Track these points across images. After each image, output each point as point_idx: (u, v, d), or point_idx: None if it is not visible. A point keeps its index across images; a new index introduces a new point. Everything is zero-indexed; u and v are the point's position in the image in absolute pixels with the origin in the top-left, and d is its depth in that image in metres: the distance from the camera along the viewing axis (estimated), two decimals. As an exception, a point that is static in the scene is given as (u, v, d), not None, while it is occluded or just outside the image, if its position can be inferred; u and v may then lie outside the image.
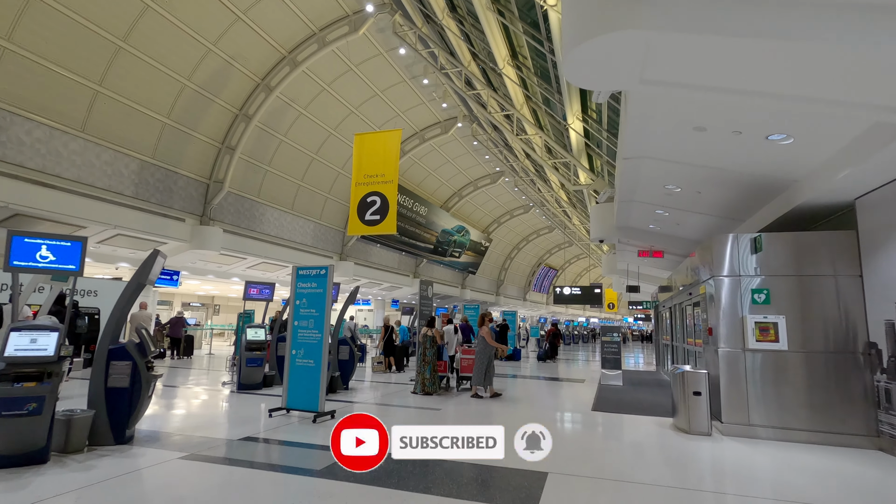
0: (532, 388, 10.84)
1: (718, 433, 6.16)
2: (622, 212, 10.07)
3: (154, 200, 14.25)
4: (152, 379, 5.07)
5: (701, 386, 6.03)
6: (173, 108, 14.08)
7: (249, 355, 8.43)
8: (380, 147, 13.47)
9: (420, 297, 10.83)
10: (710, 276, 6.73)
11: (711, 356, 6.77)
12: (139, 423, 5.65)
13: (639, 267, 17.20)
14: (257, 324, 8.75)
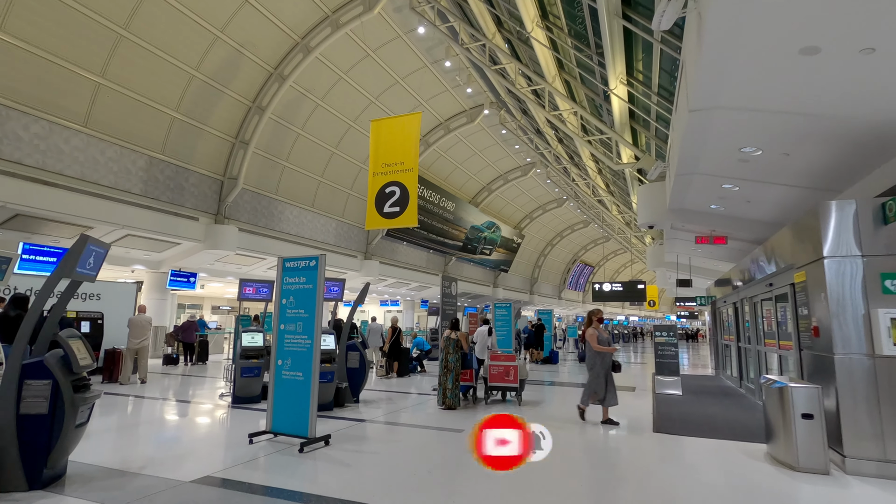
0: (574, 398, 9.28)
1: (838, 470, 4.51)
2: (678, 190, 8.39)
3: (164, 198, 13.45)
4: (83, 402, 3.89)
5: (813, 406, 4.41)
6: (182, 100, 13.24)
7: (245, 364, 7.28)
8: (398, 133, 12.22)
9: (442, 295, 9.47)
10: (815, 258, 5.06)
11: (816, 364, 5.10)
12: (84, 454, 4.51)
13: (690, 259, 15.29)
14: (254, 328, 7.60)
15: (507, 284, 35.43)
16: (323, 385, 6.88)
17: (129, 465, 4.34)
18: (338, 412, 6.94)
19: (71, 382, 3.84)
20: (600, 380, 6.59)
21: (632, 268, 51.12)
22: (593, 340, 6.64)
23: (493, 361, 8.15)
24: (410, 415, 7.21)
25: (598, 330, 6.76)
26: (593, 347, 6.63)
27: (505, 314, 13.73)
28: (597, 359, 6.63)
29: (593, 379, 6.65)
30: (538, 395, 9.38)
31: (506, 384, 8.03)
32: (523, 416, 5.49)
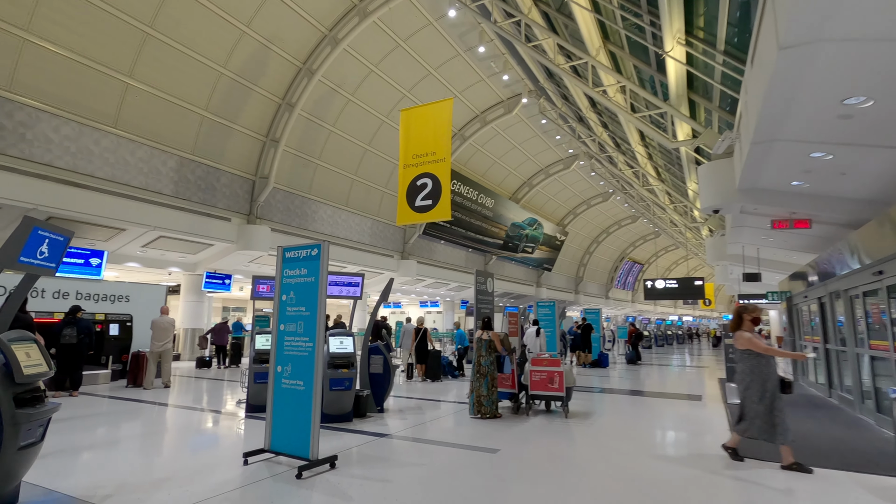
0: (632, 410, 8.06)
1: None
2: (752, 164, 7.04)
3: (196, 199, 13.21)
4: (29, 419, 3.21)
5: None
6: (210, 99, 12.96)
7: (259, 369, 6.60)
8: (429, 121, 11.41)
9: (476, 292, 8.49)
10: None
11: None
12: (50, 476, 3.87)
13: (759, 250, 13.55)
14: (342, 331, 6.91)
15: (551, 284, 33.92)
16: (340, 393, 6.08)
17: (95, 492, 3.65)
18: (357, 424, 6.11)
19: (14, 396, 3.16)
20: (768, 400, 4.70)
21: (686, 264, 48.16)
22: (756, 343, 4.82)
23: (535, 366, 7.09)
24: (439, 428, 6.27)
25: (753, 333, 4.98)
26: (764, 350, 4.75)
27: (549, 314, 12.57)
28: (755, 374, 4.77)
29: (753, 402, 4.77)
30: (587, 404, 8.21)
31: (550, 393, 6.95)
32: (573, 433, 4.36)
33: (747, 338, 4.93)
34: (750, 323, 5.02)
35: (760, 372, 4.83)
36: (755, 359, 4.88)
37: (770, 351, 4.83)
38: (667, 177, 17.37)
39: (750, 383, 4.86)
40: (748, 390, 4.87)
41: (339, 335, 6.28)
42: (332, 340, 6.20)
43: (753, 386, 4.84)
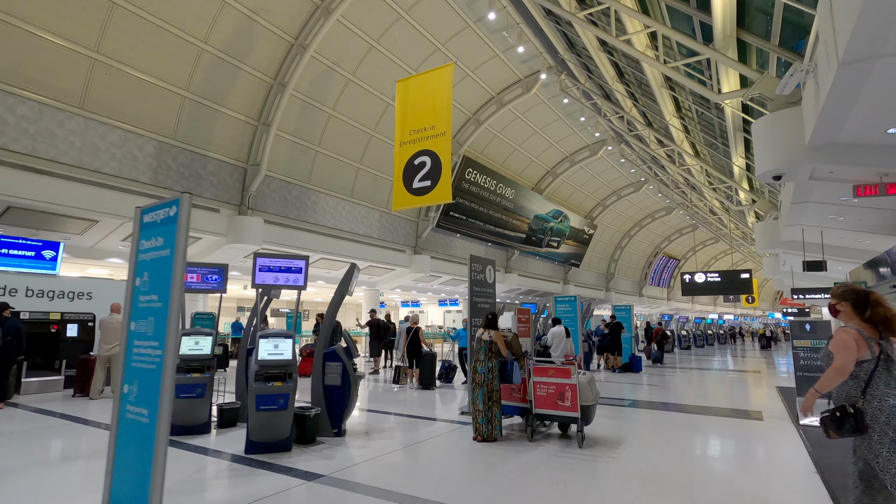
0: (673, 433, 6.20)
1: None
2: (835, 103, 5.08)
3: (178, 188, 12.02)
4: None
5: None
6: (192, 78, 11.74)
7: (183, 380, 5.13)
8: (428, 92, 9.85)
9: (471, 283, 6.82)
10: None
11: None
12: None
13: (823, 234, 11.29)
14: (198, 329, 5.45)
15: (579, 280, 31.69)
16: (272, 415, 4.52)
17: None
18: (296, 455, 4.54)
19: None
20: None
21: (727, 259, 44.78)
22: (844, 347, 2.67)
23: (539, 377, 5.34)
24: (407, 462, 4.62)
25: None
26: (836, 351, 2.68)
27: (569, 311, 10.72)
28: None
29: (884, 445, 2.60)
30: (614, 423, 6.38)
31: (559, 413, 5.19)
32: (587, 475, 2.61)
33: (840, 341, 2.71)
34: (874, 304, 2.75)
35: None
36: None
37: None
38: (706, 154, 15.16)
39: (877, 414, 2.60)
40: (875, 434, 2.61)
41: (273, 337, 4.73)
42: (262, 344, 4.66)
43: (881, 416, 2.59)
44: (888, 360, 2.60)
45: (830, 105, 5.14)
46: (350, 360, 5.39)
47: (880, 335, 2.63)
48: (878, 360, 2.58)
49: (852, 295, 2.77)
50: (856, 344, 2.59)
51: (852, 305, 2.74)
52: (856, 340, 2.60)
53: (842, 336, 2.66)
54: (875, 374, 2.58)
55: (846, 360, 2.60)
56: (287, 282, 4.79)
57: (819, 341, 6.20)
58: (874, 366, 2.57)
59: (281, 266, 4.81)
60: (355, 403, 5.45)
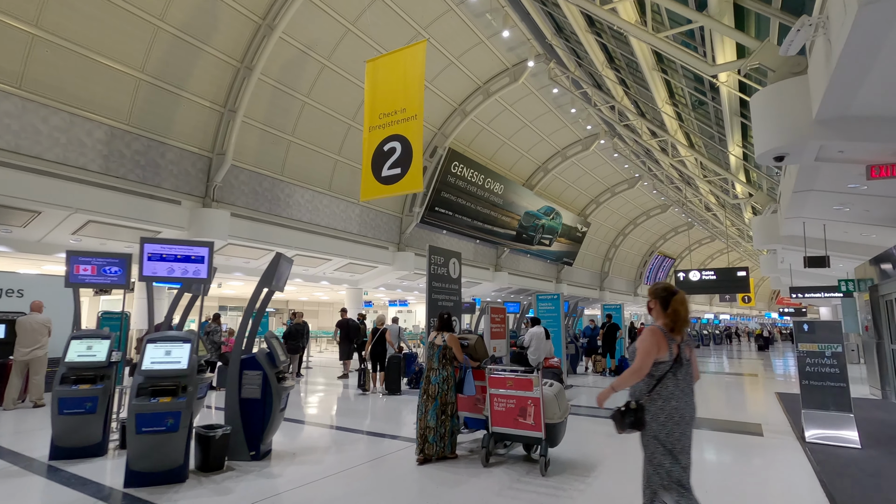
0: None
1: None
2: (850, 63, 4.22)
3: (133, 177, 11.11)
4: None
5: None
6: (147, 58, 10.82)
7: (67, 392, 4.22)
8: (398, 72, 9.01)
9: (429, 278, 5.93)
10: None
11: None
12: None
13: (826, 227, 10.42)
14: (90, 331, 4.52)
15: (573, 279, 30.84)
16: (159, 438, 3.63)
17: None
18: (188, 489, 3.65)
19: None
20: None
21: (723, 258, 44.00)
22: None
23: (496, 389, 4.46)
24: (325, 496, 3.73)
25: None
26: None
27: (552, 309, 9.84)
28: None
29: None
30: (591, 441, 5.50)
31: (520, 432, 4.31)
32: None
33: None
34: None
35: None
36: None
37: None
38: (701, 145, 14.30)
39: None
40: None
41: (165, 341, 3.84)
42: (149, 351, 3.77)
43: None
44: (682, 362, 2.63)
45: (845, 64, 4.26)
46: (273, 368, 4.50)
47: (682, 335, 2.67)
48: (673, 362, 2.60)
49: (662, 293, 2.75)
50: (658, 346, 2.60)
51: (660, 304, 2.73)
52: (659, 342, 2.60)
53: (647, 336, 2.63)
54: (667, 376, 2.61)
55: (644, 363, 2.60)
56: (185, 273, 3.90)
57: (828, 345, 5.33)
58: (668, 368, 2.60)
59: (177, 254, 3.89)
60: (279, 420, 4.56)
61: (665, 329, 2.65)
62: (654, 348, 2.59)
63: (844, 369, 5.26)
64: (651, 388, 2.62)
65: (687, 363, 2.66)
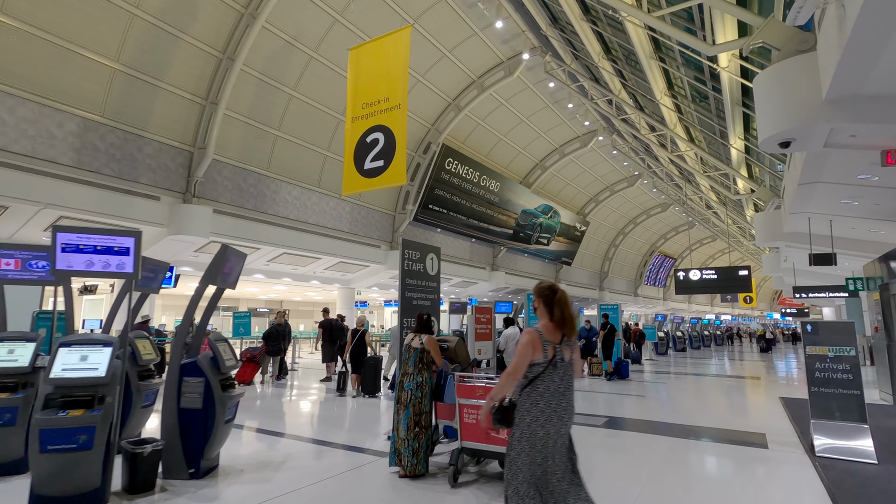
0: (648, 473, 4.82)
1: None
2: (870, 27, 3.70)
3: (109, 172, 10.63)
4: None
5: None
6: (122, 47, 10.34)
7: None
8: (382, 59, 8.54)
9: (402, 273, 5.43)
10: None
11: None
12: None
13: (832, 223, 9.88)
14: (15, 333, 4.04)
15: (572, 279, 30.28)
16: (66, 457, 3.11)
17: None
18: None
19: None
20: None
21: (725, 258, 43.39)
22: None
23: (465, 399, 3.95)
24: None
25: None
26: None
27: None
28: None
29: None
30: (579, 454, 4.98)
31: (492, 448, 3.79)
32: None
33: None
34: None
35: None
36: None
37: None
38: (701, 140, 13.76)
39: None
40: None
41: (80, 345, 3.33)
42: (61, 356, 3.26)
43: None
44: (556, 364, 2.63)
45: (861, 31, 3.73)
46: (218, 375, 3.99)
47: (563, 336, 2.67)
48: (547, 365, 2.62)
49: (545, 292, 2.75)
50: (532, 348, 2.62)
51: (544, 304, 2.73)
52: (533, 344, 2.62)
53: (524, 338, 2.66)
54: (541, 377, 2.62)
55: (518, 366, 2.62)
56: (107, 267, 3.39)
57: (840, 348, 4.80)
58: (542, 370, 2.62)
59: (97, 245, 3.33)
60: (225, 432, 4.06)
61: (542, 330, 2.65)
62: (528, 350, 2.60)
63: (858, 375, 4.73)
64: (523, 388, 2.63)
65: (563, 364, 2.65)
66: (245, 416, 6.77)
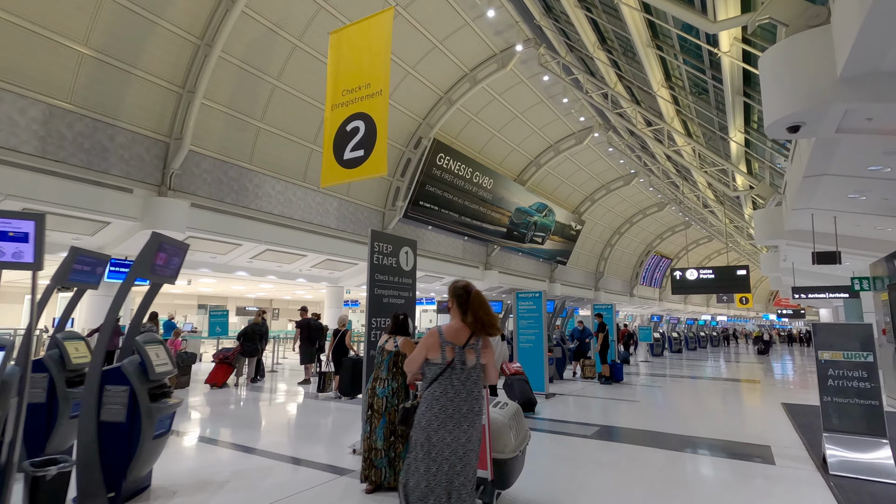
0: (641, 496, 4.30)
1: None
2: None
3: (76, 161, 10.05)
4: None
5: None
6: (91, 30, 9.75)
7: None
8: (363, 43, 7.98)
9: (371, 268, 4.89)
10: None
11: None
12: None
13: (836, 220, 9.40)
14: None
15: (567, 279, 29.81)
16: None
17: None
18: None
19: None
20: None
21: (721, 259, 43.03)
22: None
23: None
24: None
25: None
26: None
27: (533, 309, 8.80)
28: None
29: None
30: (561, 473, 4.46)
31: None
32: None
33: None
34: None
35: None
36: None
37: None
38: (699, 135, 13.27)
39: None
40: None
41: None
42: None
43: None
44: (456, 367, 2.55)
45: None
46: (146, 383, 3.44)
47: (470, 339, 2.58)
48: (445, 367, 2.55)
49: (459, 292, 2.70)
50: (427, 348, 2.58)
51: (457, 304, 2.68)
52: (430, 344, 2.59)
53: (425, 337, 2.64)
54: (439, 379, 2.55)
55: (412, 359, 2.65)
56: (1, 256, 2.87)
57: (857, 353, 4.29)
58: (440, 371, 2.55)
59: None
60: (155, 449, 3.50)
61: (444, 331, 2.59)
62: (423, 349, 2.59)
63: (878, 383, 4.22)
64: (424, 389, 2.60)
65: (464, 369, 2.54)
66: (201, 424, 6.22)
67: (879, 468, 4.08)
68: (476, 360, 2.58)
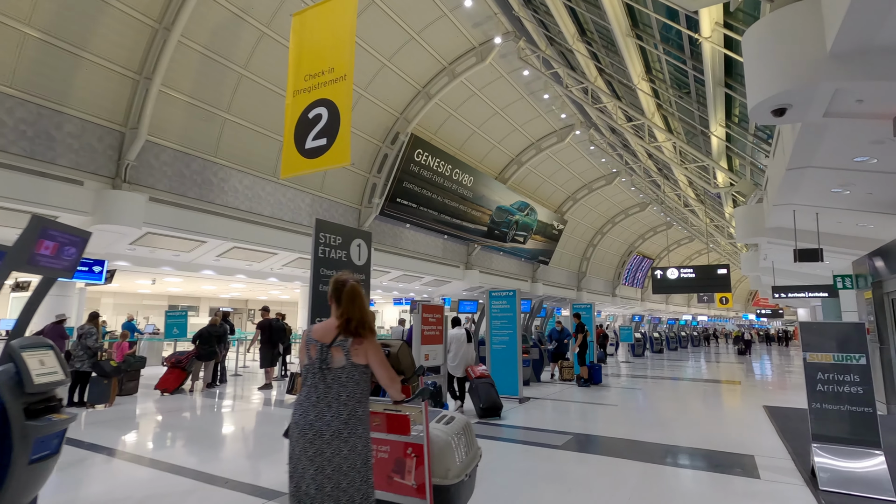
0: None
1: None
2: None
3: (17, 150, 9.27)
4: None
5: None
6: (34, 9, 9.01)
7: None
8: (326, 25, 7.34)
9: (315, 261, 4.36)
10: None
11: None
12: None
13: (819, 217, 9.10)
14: None
15: (549, 279, 29.49)
16: None
17: None
18: None
19: None
20: None
21: (702, 259, 43.27)
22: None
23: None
24: None
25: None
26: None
27: (506, 308, 8.32)
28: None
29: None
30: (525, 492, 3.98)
31: (394, 497, 2.73)
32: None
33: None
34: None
35: None
36: None
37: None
38: (680, 131, 12.97)
39: None
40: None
41: None
42: None
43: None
44: (320, 368, 2.26)
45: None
46: (20, 396, 2.85)
47: (338, 336, 2.29)
48: (309, 368, 2.32)
49: (335, 285, 2.38)
50: (301, 351, 2.41)
51: (334, 298, 2.38)
52: (300, 345, 2.42)
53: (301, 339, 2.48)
54: (305, 381, 2.32)
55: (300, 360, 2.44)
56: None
57: (849, 356, 3.89)
58: (305, 373, 2.34)
59: None
60: (33, 476, 2.91)
61: (312, 329, 2.39)
62: (302, 349, 2.41)
63: (870, 388, 3.82)
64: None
65: (329, 370, 2.24)
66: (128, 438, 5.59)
67: (873, 482, 3.68)
68: (346, 360, 2.22)
